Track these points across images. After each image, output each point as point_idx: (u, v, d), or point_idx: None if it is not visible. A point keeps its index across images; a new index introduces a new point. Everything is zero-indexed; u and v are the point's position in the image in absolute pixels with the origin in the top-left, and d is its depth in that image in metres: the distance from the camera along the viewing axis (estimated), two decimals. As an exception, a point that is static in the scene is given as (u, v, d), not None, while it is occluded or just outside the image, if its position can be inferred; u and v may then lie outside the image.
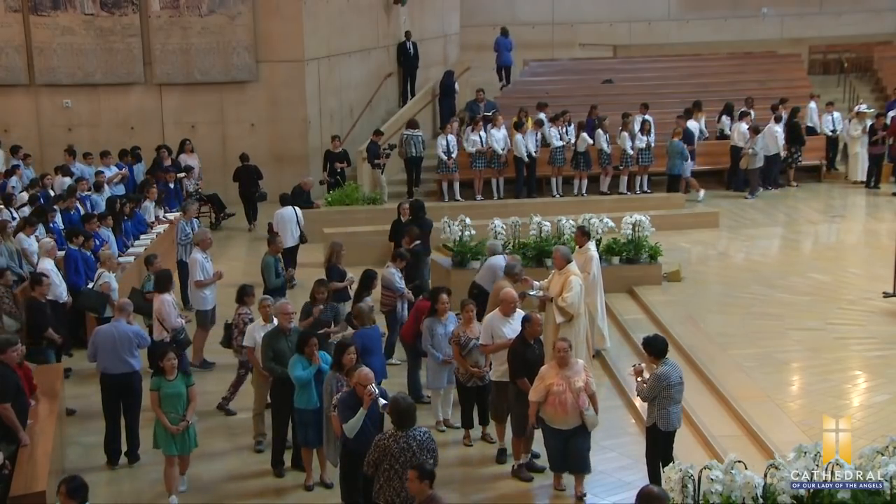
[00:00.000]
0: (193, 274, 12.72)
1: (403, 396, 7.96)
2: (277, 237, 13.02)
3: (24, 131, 20.72)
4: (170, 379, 9.05)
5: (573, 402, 8.69)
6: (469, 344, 9.99)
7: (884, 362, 11.65)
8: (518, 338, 9.44)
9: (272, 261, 12.63)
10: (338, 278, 12.33)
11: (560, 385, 8.71)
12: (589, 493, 9.15)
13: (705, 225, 18.39)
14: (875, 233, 18.17)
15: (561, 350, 8.83)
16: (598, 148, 20.32)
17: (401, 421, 7.44)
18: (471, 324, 10.11)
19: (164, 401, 9.01)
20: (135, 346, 10.00)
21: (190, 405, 9.13)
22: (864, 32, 28.58)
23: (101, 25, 20.36)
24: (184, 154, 19.65)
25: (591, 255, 12.12)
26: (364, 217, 17.46)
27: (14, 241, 13.52)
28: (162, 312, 11.10)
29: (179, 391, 9.07)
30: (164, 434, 9.05)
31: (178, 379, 9.10)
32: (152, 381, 9.12)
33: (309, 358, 9.16)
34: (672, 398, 8.55)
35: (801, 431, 9.51)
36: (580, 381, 8.77)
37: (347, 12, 22.03)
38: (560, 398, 8.69)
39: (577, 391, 8.71)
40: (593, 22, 29.73)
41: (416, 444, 7.33)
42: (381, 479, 7.37)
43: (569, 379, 8.74)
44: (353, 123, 22.10)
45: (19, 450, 8.62)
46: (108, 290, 12.07)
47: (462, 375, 10.14)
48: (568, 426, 8.77)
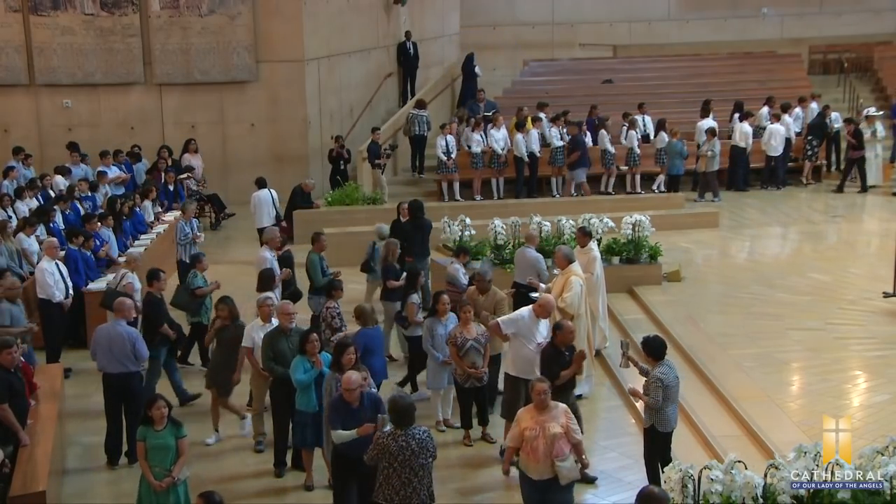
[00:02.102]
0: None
1: (402, 396, 7.96)
2: (322, 235, 13.00)
3: (24, 131, 20.71)
4: (157, 429, 8.16)
5: (545, 449, 7.78)
6: (466, 345, 9.97)
7: (884, 362, 11.65)
8: (549, 344, 9.31)
9: (317, 259, 12.59)
10: (393, 277, 12.34)
11: (533, 430, 7.84)
12: (589, 493, 9.14)
13: (705, 225, 18.39)
14: (875, 233, 18.18)
15: (539, 392, 7.93)
16: (601, 148, 20.33)
17: (399, 420, 7.42)
18: (468, 325, 10.10)
19: (150, 453, 8.16)
20: (129, 348, 9.83)
21: (179, 459, 8.20)
22: (864, 32, 28.56)
23: (101, 25, 20.37)
24: (187, 154, 19.65)
25: (594, 255, 12.13)
26: (364, 217, 17.45)
27: (14, 241, 13.53)
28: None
29: (167, 443, 8.16)
30: (149, 491, 8.11)
31: (167, 429, 8.19)
32: (139, 431, 8.31)
33: (310, 356, 9.12)
34: (670, 398, 8.51)
35: (801, 431, 9.51)
36: (556, 426, 7.83)
37: (347, 12, 22.04)
38: (532, 444, 7.82)
39: (550, 438, 7.78)
40: (593, 22, 29.71)
41: (416, 443, 7.33)
42: (379, 477, 7.37)
43: (543, 424, 7.86)
44: (353, 123, 22.10)
45: (19, 450, 8.62)
46: (131, 290, 12.05)
47: (459, 376, 10.13)
48: (541, 476, 7.82)
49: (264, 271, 11.65)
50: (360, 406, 8.12)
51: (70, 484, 9.65)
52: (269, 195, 17.18)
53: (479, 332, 10.10)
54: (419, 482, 7.30)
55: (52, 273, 12.27)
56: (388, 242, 12.94)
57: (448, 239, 14.74)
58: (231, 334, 10.24)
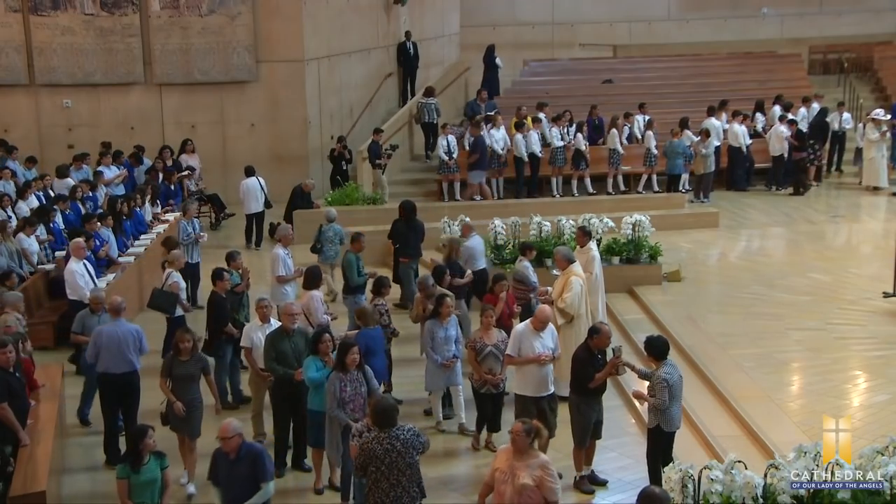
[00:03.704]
0: (275, 270, 12.76)
1: (384, 396, 7.94)
2: (361, 236, 13.09)
3: (24, 131, 20.70)
4: (143, 462, 7.74)
5: (511, 497, 7.07)
6: (485, 350, 9.84)
7: (884, 362, 11.66)
8: (583, 348, 9.15)
9: (353, 258, 12.68)
10: (458, 274, 12.35)
11: (504, 474, 7.16)
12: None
13: (705, 225, 18.39)
14: (875, 233, 18.17)
15: (515, 433, 7.17)
16: (609, 147, 20.35)
17: (381, 422, 7.36)
18: (489, 330, 9.97)
19: (136, 490, 7.68)
20: (136, 346, 9.92)
21: (165, 492, 7.87)
22: (864, 32, 28.56)
23: (101, 25, 20.36)
24: (185, 154, 19.65)
25: (594, 255, 12.14)
26: (364, 217, 17.45)
27: (14, 241, 13.53)
28: (310, 308, 11.02)
29: (154, 476, 7.75)
30: None
31: (152, 461, 7.76)
32: (119, 469, 7.81)
33: (323, 356, 9.09)
34: (674, 398, 8.50)
35: (801, 431, 9.52)
36: (527, 478, 7.02)
37: (347, 12, 22.03)
38: (500, 488, 7.15)
39: (518, 488, 7.02)
40: (593, 22, 29.70)
41: (401, 443, 7.27)
42: (369, 481, 7.32)
43: (515, 471, 7.10)
44: (353, 123, 22.10)
45: (19, 450, 8.61)
46: (177, 289, 12.08)
47: (475, 381, 9.98)
48: None
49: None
50: (237, 458, 7.60)
51: (70, 484, 9.65)
52: (258, 182, 17.87)
53: (499, 338, 9.93)
54: (408, 481, 7.26)
55: (81, 274, 12.30)
56: (451, 240, 13.09)
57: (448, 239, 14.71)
58: (186, 371, 9.29)
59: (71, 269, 12.30)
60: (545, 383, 9.37)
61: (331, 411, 8.74)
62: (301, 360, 9.42)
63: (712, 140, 20.23)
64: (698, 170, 20.30)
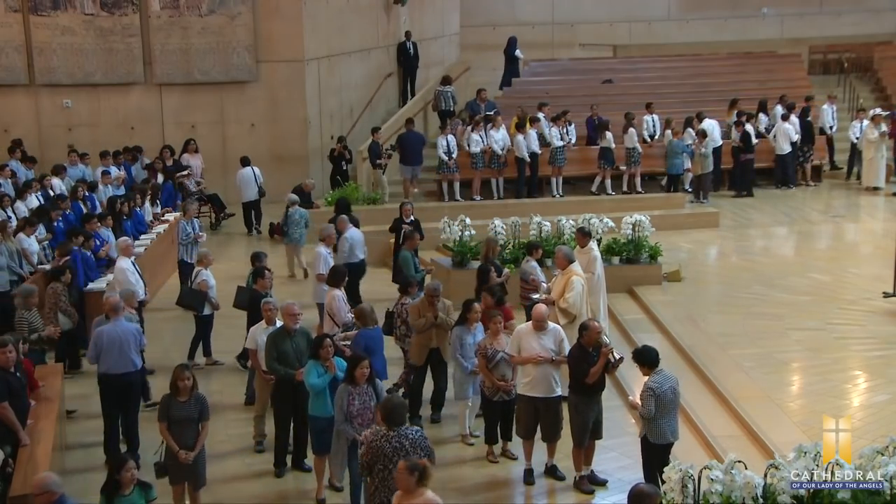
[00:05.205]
0: (317, 267, 12.90)
1: (394, 394, 7.90)
2: (414, 233, 13.19)
3: (24, 131, 20.69)
4: (125, 494, 7.32)
5: None
6: (496, 357, 9.69)
7: (884, 362, 11.66)
8: (576, 346, 9.14)
9: (409, 255, 12.91)
10: (497, 273, 12.32)
11: None
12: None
13: (705, 225, 18.41)
14: (875, 233, 18.17)
15: (399, 471, 6.60)
16: (627, 146, 20.37)
17: (391, 418, 7.31)
18: (497, 336, 9.81)
19: None
20: (137, 343, 9.93)
21: None
22: (864, 32, 28.57)
23: (101, 25, 20.37)
24: (186, 154, 19.66)
25: (595, 255, 12.13)
26: (364, 217, 17.37)
27: (14, 241, 13.53)
28: (333, 307, 11.01)
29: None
30: None
31: (135, 493, 7.37)
32: (100, 500, 7.42)
33: (324, 361, 8.95)
34: (663, 410, 8.28)
35: (801, 431, 9.52)
36: None
37: (347, 12, 22.04)
38: None
39: None
40: (593, 22, 29.72)
41: (409, 442, 7.24)
42: (375, 480, 7.26)
43: None
44: (353, 123, 22.10)
45: (19, 450, 8.61)
46: (206, 287, 12.09)
47: (488, 389, 9.79)
48: None
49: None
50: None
51: (70, 484, 9.62)
52: (252, 172, 18.79)
53: (508, 343, 9.75)
54: None
55: (132, 272, 12.34)
56: (488, 240, 13.18)
57: (448, 239, 14.71)
58: (186, 413, 8.54)
59: (122, 267, 12.40)
60: (548, 384, 9.33)
61: (338, 425, 8.58)
62: (302, 361, 9.37)
63: (709, 141, 20.23)
64: (696, 170, 20.31)
